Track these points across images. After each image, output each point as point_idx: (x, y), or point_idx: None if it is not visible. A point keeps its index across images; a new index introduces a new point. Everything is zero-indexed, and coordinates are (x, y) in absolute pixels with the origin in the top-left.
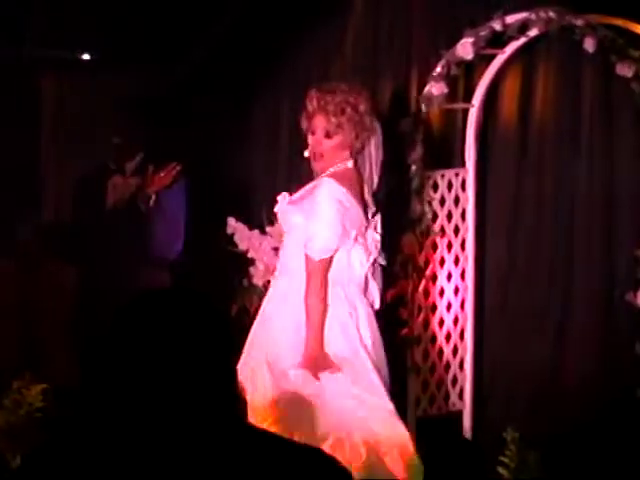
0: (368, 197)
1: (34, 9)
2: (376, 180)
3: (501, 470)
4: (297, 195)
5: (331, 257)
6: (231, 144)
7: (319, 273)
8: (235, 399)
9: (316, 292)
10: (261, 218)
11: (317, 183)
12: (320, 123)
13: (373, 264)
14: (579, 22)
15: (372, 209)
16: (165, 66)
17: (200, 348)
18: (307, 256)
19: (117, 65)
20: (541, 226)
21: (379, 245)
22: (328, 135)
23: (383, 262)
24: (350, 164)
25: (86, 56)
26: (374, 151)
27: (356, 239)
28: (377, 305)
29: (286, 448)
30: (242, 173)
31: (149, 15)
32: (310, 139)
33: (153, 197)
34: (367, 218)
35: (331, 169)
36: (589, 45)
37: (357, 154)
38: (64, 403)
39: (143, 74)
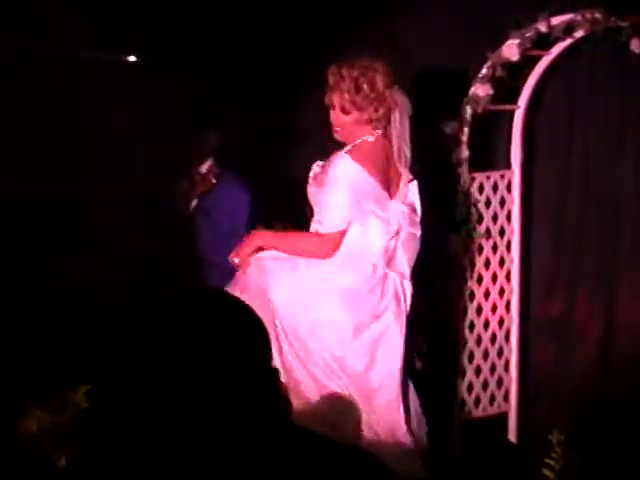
0: (400, 167)
1: (80, 10)
2: (407, 150)
3: (546, 472)
4: (317, 173)
5: (341, 232)
6: (279, 146)
7: (325, 245)
8: (276, 398)
9: (315, 248)
10: (306, 219)
11: (331, 159)
12: (337, 99)
13: (397, 234)
14: (625, 23)
15: (405, 179)
16: (213, 66)
17: (238, 348)
18: (316, 232)
19: (164, 66)
20: (587, 227)
21: (407, 215)
22: (344, 111)
23: (415, 231)
24: (371, 138)
25: (132, 58)
26: (399, 122)
27: (373, 212)
28: (407, 275)
29: (329, 448)
30: (290, 174)
31: (196, 14)
32: (330, 114)
33: (194, 201)
34: (392, 190)
35: (350, 145)
36: (635, 46)
37: (385, 126)
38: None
39: (191, 75)
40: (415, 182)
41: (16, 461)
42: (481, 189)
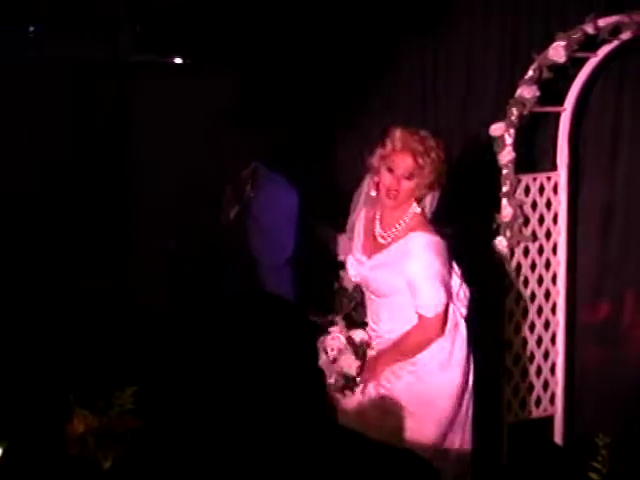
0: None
1: (128, 13)
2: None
3: (592, 475)
4: (382, 258)
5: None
6: (323, 148)
7: (436, 326)
8: (323, 401)
9: (422, 344)
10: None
11: (407, 240)
12: (403, 163)
13: None
14: None
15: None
16: (260, 68)
17: (286, 349)
18: (421, 316)
19: (210, 69)
20: (633, 229)
21: None
22: (409, 176)
23: None
24: (418, 210)
25: (178, 60)
26: (429, 202)
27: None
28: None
29: (377, 449)
30: (332, 177)
31: (243, 18)
32: (386, 177)
33: (236, 207)
34: None
35: (405, 218)
36: None
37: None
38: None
39: (236, 78)
40: None
41: (63, 462)
42: (527, 191)
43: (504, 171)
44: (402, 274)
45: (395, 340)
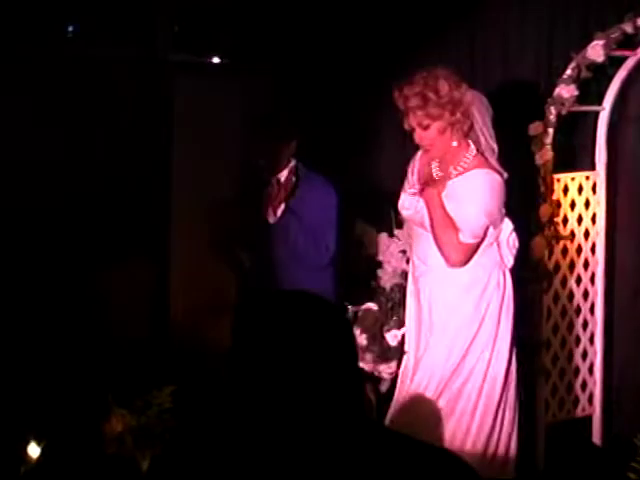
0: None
1: (165, 13)
2: (493, 144)
3: (631, 476)
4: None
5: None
6: (360, 146)
7: (462, 252)
8: (361, 399)
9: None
10: (389, 221)
11: (467, 177)
12: (413, 119)
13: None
14: None
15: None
16: (293, 68)
17: (326, 349)
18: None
19: (247, 68)
20: None
21: None
22: (423, 127)
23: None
24: (474, 151)
25: (216, 59)
26: (480, 118)
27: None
28: None
29: (414, 448)
30: (371, 176)
31: (275, 16)
32: (414, 136)
33: (282, 206)
34: None
35: (464, 160)
36: None
37: (469, 129)
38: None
39: (271, 77)
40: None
41: (101, 461)
42: (566, 190)
43: (542, 170)
44: (453, 208)
45: (442, 218)
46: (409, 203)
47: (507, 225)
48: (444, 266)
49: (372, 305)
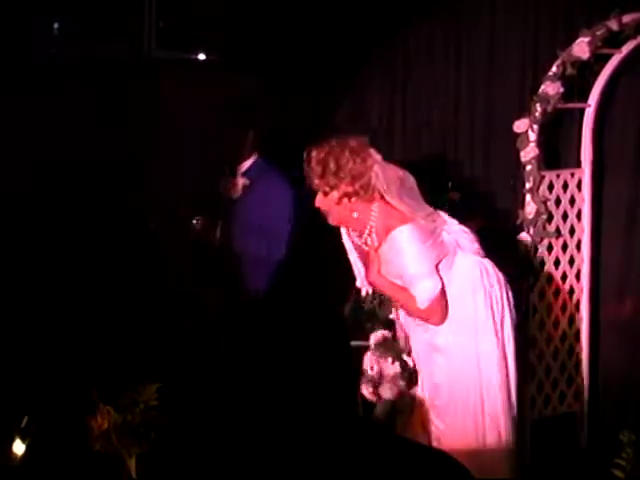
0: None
1: (152, 10)
2: (417, 213)
3: (617, 472)
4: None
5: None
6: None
7: (433, 312)
8: (355, 400)
9: (413, 313)
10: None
11: (388, 243)
12: (312, 183)
13: None
14: None
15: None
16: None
17: (320, 349)
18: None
19: (231, 65)
20: None
21: None
22: (324, 193)
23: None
24: (376, 209)
25: (202, 56)
26: (385, 186)
27: None
28: None
29: (410, 449)
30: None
31: (265, 15)
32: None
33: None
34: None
35: (371, 223)
36: None
37: (381, 196)
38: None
39: (255, 74)
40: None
41: (86, 458)
42: (551, 187)
43: (528, 167)
44: (397, 272)
45: (401, 286)
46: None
47: (449, 238)
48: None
49: (385, 332)
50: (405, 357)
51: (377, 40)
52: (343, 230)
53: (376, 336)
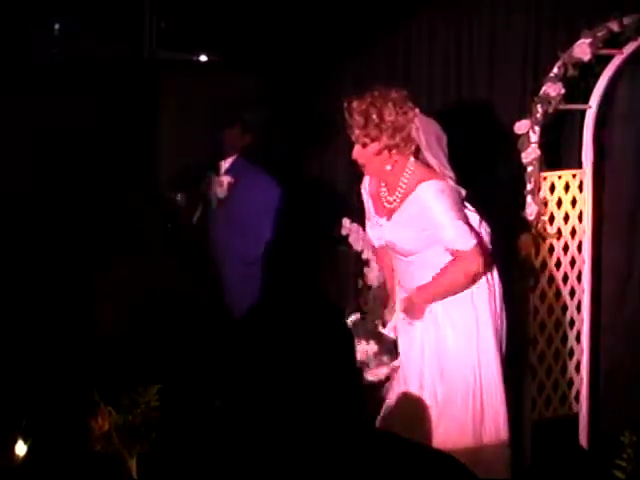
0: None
1: (152, 11)
2: (447, 171)
3: (617, 474)
4: (398, 218)
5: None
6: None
7: (475, 258)
8: (358, 401)
9: (461, 279)
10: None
11: (416, 194)
12: (352, 135)
13: None
14: None
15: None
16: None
17: (322, 350)
18: (458, 251)
19: (232, 66)
20: None
21: None
22: (362, 144)
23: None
24: (412, 161)
25: (203, 57)
26: (426, 145)
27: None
28: None
29: (410, 450)
30: (355, 173)
31: (264, 17)
32: (353, 150)
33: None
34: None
35: (405, 175)
36: None
37: (417, 152)
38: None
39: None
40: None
41: (87, 459)
42: (552, 189)
43: (529, 169)
44: (424, 227)
45: (434, 276)
46: (378, 233)
47: (473, 216)
48: None
49: (358, 314)
50: (380, 329)
51: (393, 41)
52: (365, 181)
53: (350, 320)
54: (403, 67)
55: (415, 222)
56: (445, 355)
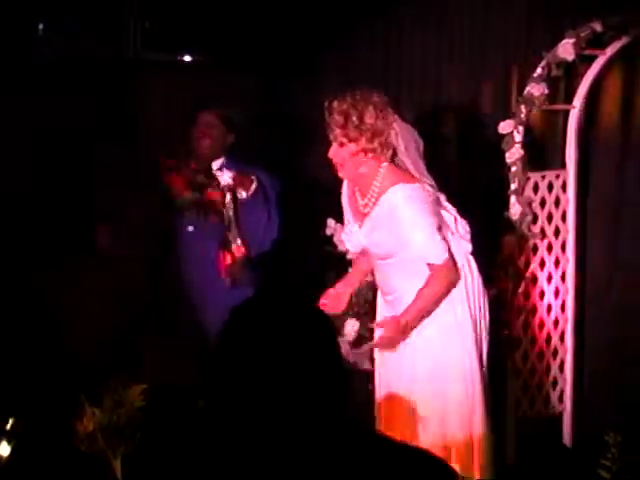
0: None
1: (135, 11)
2: (425, 178)
3: (602, 473)
4: (370, 222)
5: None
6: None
7: (448, 270)
8: (344, 402)
9: (442, 290)
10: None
11: (387, 197)
12: (331, 134)
13: None
14: None
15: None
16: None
17: (309, 350)
18: (432, 265)
19: (215, 67)
20: None
21: None
22: (340, 144)
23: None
24: (385, 165)
25: (188, 57)
26: (404, 151)
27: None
28: None
29: (396, 450)
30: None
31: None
32: (330, 149)
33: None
34: None
35: (377, 179)
36: None
37: (392, 157)
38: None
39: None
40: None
41: (72, 460)
42: (536, 189)
43: (513, 169)
44: (394, 231)
45: (415, 297)
46: (352, 241)
47: (448, 217)
48: (413, 289)
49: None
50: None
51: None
52: (343, 188)
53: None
54: (382, 68)
55: (385, 225)
56: (423, 354)
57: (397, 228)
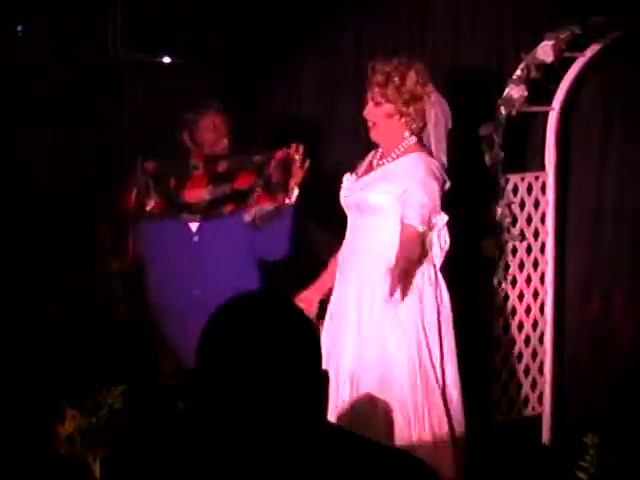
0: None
1: (117, 11)
2: (442, 156)
3: (580, 475)
4: (375, 174)
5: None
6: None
7: (416, 245)
8: (324, 401)
9: (414, 258)
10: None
11: (405, 159)
12: (370, 93)
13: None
14: None
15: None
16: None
17: (289, 351)
18: (408, 226)
19: (197, 68)
20: (622, 228)
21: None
22: (376, 103)
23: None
24: (414, 140)
25: (167, 59)
26: (434, 123)
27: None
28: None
29: (375, 451)
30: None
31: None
32: (365, 109)
33: (296, 191)
34: None
35: (401, 146)
36: None
37: (420, 131)
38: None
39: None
40: None
41: (51, 462)
42: (515, 191)
43: (492, 171)
44: (395, 189)
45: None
46: (347, 190)
47: (441, 219)
48: (379, 254)
49: None
50: None
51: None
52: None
53: None
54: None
55: (395, 179)
56: (385, 352)
57: (404, 183)
